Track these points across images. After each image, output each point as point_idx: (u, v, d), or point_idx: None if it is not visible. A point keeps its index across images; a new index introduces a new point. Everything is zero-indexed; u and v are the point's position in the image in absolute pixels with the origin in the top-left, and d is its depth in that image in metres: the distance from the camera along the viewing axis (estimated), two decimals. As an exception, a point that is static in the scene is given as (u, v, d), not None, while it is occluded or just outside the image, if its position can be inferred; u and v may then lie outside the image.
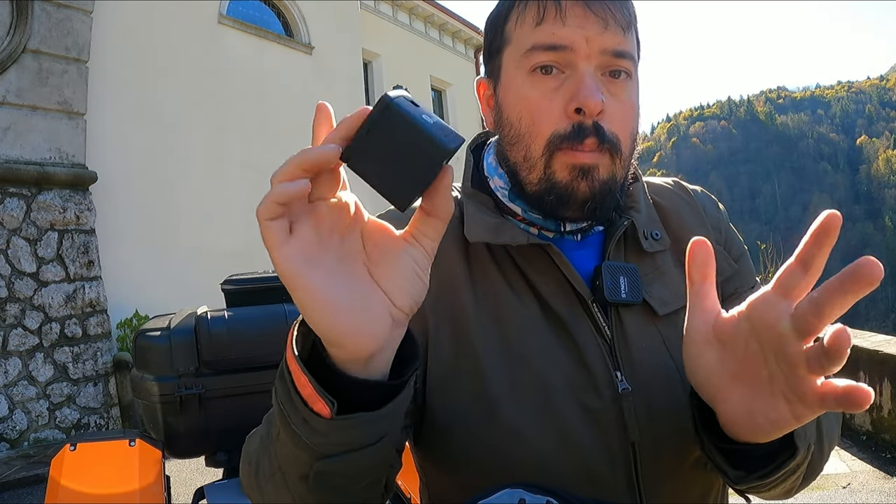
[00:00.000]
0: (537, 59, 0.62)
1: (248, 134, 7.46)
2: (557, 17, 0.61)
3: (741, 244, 0.79)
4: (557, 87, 0.62)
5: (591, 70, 0.61)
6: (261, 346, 1.82)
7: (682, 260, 0.72)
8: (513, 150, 0.66)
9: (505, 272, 0.67)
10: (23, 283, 5.11)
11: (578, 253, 0.69)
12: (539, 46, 0.62)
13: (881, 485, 3.45)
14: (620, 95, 0.63)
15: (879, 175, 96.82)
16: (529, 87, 0.64)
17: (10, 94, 5.14)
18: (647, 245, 0.69)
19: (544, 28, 0.62)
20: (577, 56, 0.61)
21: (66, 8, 5.50)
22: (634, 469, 0.63)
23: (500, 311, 0.65)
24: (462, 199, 0.72)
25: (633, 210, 0.70)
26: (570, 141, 0.62)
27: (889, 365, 3.92)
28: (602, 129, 0.61)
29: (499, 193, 0.71)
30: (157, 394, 1.76)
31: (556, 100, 0.62)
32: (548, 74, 0.63)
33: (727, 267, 0.73)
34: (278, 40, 8.11)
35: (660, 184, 0.80)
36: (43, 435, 5.01)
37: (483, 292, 0.67)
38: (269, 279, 2.01)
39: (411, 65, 11.39)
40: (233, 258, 6.17)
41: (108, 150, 5.92)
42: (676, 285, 0.69)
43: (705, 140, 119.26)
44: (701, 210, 0.77)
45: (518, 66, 0.64)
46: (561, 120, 0.62)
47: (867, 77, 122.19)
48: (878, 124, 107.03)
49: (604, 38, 0.61)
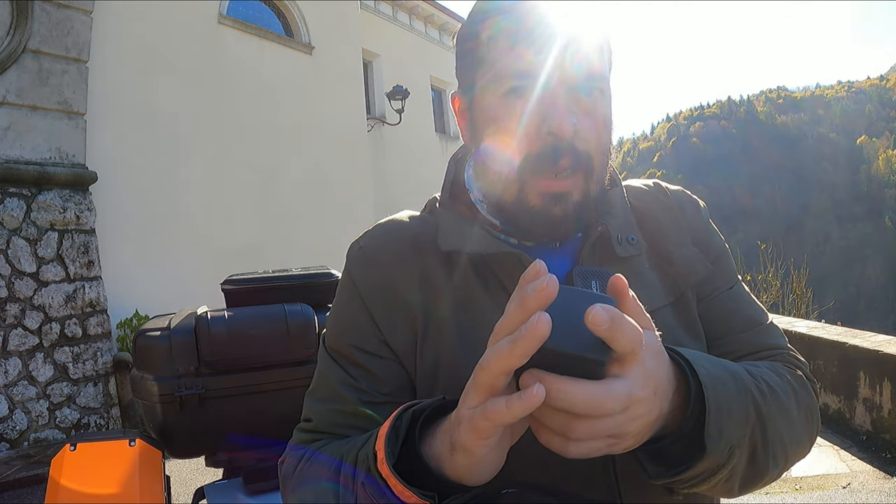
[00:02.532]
0: (511, 83, 0.63)
1: (248, 134, 7.46)
2: (530, 42, 0.62)
3: (722, 244, 0.79)
4: (530, 110, 0.63)
5: (562, 92, 0.62)
6: (261, 346, 1.82)
7: (659, 263, 0.73)
8: (488, 171, 0.68)
9: (482, 279, 0.69)
10: (23, 283, 5.11)
11: (555, 260, 0.69)
12: (512, 71, 0.63)
13: (881, 485, 3.44)
14: (593, 112, 0.64)
15: (879, 175, 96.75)
16: (502, 109, 0.65)
17: (10, 94, 5.14)
18: (620, 250, 0.71)
19: (516, 53, 0.63)
20: (549, 80, 0.62)
21: (66, 8, 5.49)
22: (612, 469, 0.64)
23: (478, 317, 0.67)
24: (438, 209, 0.74)
25: (609, 215, 0.72)
26: (543, 162, 0.63)
27: (889, 365, 3.91)
28: (576, 149, 0.63)
29: (479, 206, 0.72)
30: (157, 394, 1.76)
31: (529, 123, 0.63)
32: (520, 97, 0.64)
33: (703, 269, 0.74)
34: (278, 40, 8.11)
35: (638, 187, 0.81)
36: (43, 435, 5.01)
37: (462, 299, 0.68)
38: (269, 279, 2.01)
39: (411, 65, 11.39)
40: (233, 258, 6.18)
41: (108, 150, 5.92)
42: (652, 288, 0.71)
43: (705, 140, 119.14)
44: (678, 212, 0.78)
45: (491, 87, 0.66)
46: (534, 142, 0.63)
47: (867, 77, 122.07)
48: (878, 124, 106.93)
49: (575, 62, 0.62)
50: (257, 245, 7.19)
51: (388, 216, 0.78)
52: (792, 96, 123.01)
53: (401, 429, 0.54)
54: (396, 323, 0.69)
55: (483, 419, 0.44)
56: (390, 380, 0.68)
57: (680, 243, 0.75)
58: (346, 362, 0.70)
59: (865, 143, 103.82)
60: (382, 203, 9.34)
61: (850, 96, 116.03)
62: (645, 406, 0.47)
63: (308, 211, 8.04)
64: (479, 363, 0.45)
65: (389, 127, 10.56)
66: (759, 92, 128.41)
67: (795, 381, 0.69)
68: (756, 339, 0.74)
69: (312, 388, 0.74)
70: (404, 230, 0.74)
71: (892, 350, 3.94)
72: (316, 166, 8.23)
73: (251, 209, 7.41)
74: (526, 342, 0.41)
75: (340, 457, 0.61)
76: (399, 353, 0.69)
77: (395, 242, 0.73)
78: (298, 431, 0.73)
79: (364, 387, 0.68)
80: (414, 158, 11.08)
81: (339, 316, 0.74)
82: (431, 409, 0.54)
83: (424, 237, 0.72)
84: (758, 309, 0.78)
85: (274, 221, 7.62)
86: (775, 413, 0.61)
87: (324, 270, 2.08)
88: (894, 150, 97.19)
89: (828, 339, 4.52)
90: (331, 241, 7.94)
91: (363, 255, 0.74)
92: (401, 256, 0.71)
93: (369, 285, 0.71)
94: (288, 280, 2.01)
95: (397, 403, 0.67)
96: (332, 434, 0.69)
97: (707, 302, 0.74)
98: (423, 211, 0.80)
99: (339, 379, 0.70)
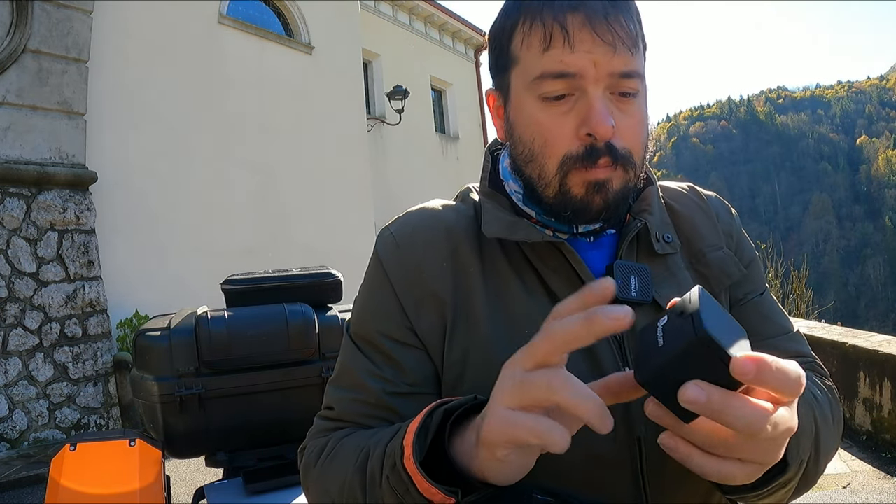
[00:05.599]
0: (547, 87, 0.63)
1: (248, 134, 7.46)
2: (566, 44, 0.61)
3: (752, 250, 0.80)
4: (568, 111, 0.63)
5: (600, 94, 0.62)
6: (261, 346, 1.81)
7: (693, 263, 0.74)
8: (527, 167, 0.68)
9: (518, 270, 0.68)
10: (23, 283, 5.11)
11: (591, 253, 0.70)
12: (548, 74, 0.62)
13: (881, 485, 3.44)
14: (630, 111, 0.64)
15: (879, 175, 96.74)
16: (540, 111, 0.64)
17: (10, 94, 5.14)
18: (658, 247, 0.70)
19: (552, 54, 0.61)
20: (586, 81, 0.61)
21: (66, 8, 5.49)
22: (640, 465, 0.64)
23: (512, 308, 0.67)
24: (480, 198, 0.74)
25: (646, 213, 0.71)
26: (583, 162, 0.63)
27: (889, 365, 3.91)
28: (615, 148, 0.62)
29: (514, 197, 0.72)
30: (157, 394, 1.76)
31: (566, 124, 0.63)
32: (558, 100, 0.63)
33: (737, 272, 0.74)
34: (278, 40, 8.11)
35: (674, 188, 0.81)
36: (43, 435, 5.01)
37: (495, 289, 0.68)
38: (269, 279, 2.00)
39: (411, 65, 11.39)
40: (233, 258, 6.18)
41: (108, 150, 5.92)
42: (687, 287, 0.70)
43: (705, 140, 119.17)
44: (714, 216, 0.78)
45: (527, 89, 0.65)
46: (573, 142, 0.63)
47: (867, 77, 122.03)
48: (878, 124, 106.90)
49: (612, 62, 0.61)
50: (257, 245, 7.19)
51: (419, 204, 0.76)
52: (792, 96, 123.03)
53: (431, 426, 0.53)
54: (425, 311, 0.68)
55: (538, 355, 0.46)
56: (416, 370, 0.68)
57: (714, 246, 0.75)
58: (371, 350, 0.69)
59: (865, 143, 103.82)
60: (382, 203, 9.34)
61: (850, 96, 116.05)
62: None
63: (308, 211, 8.04)
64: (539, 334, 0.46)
65: (389, 127, 10.56)
66: (759, 92, 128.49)
67: (829, 391, 0.71)
68: (786, 347, 0.73)
69: (335, 377, 0.73)
70: (437, 217, 0.73)
71: (892, 350, 3.94)
72: (316, 166, 8.23)
73: (251, 209, 7.41)
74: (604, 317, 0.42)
75: (368, 449, 0.60)
76: (426, 343, 0.68)
77: (427, 229, 0.71)
78: (320, 419, 0.73)
79: (388, 376, 0.67)
80: (414, 158, 11.08)
81: (366, 302, 0.73)
82: (464, 408, 0.54)
83: (458, 225, 0.71)
84: (785, 317, 0.78)
85: (274, 221, 7.62)
86: (822, 423, 0.62)
87: (324, 270, 2.08)
88: (894, 150, 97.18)
89: (828, 339, 4.52)
90: (331, 241, 7.94)
91: (394, 240, 0.72)
92: (433, 244, 0.70)
93: (399, 271, 0.69)
94: (288, 280, 2.01)
95: (422, 395, 0.67)
96: (355, 423, 0.68)
97: (740, 307, 0.75)
98: (455, 200, 0.79)
99: (363, 368, 0.69)
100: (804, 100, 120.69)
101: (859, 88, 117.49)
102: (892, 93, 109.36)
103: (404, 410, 0.66)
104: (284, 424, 1.88)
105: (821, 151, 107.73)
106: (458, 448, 0.53)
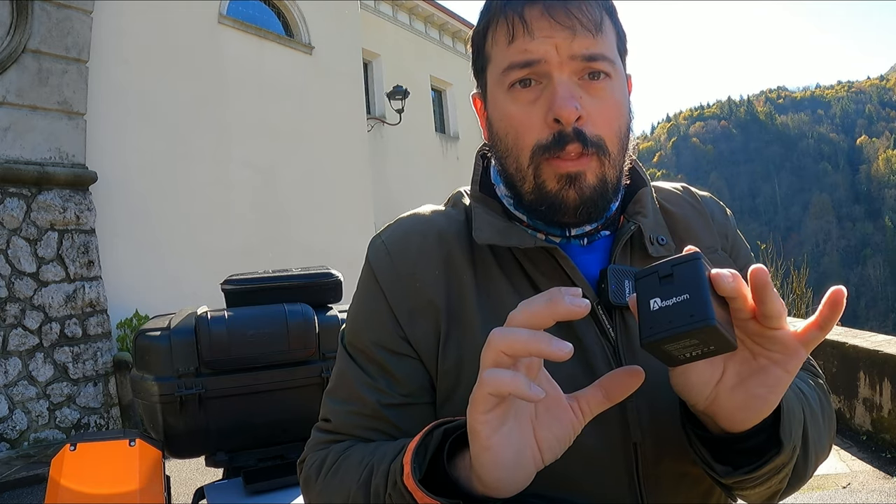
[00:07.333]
0: (514, 76, 0.64)
1: (248, 134, 7.46)
2: (526, 33, 0.62)
3: (748, 252, 0.80)
4: (535, 99, 0.64)
5: (564, 78, 0.62)
6: (261, 346, 1.81)
7: None
8: (506, 163, 0.68)
9: (510, 276, 0.68)
10: (23, 283, 5.11)
11: (585, 257, 0.69)
12: (514, 65, 0.63)
13: (881, 485, 3.44)
14: (601, 95, 0.64)
15: (879, 175, 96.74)
16: (511, 104, 0.65)
17: (10, 94, 5.14)
18: (652, 250, 0.70)
19: (516, 45, 0.63)
20: (550, 66, 0.62)
21: (66, 8, 5.49)
22: (636, 470, 0.63)
23: (504, 315, 0.66)
24: (471, 203, 0.73)
25: (640, 215, 0.71)
26: (552, 150, 0.63)
27: (889, 365, 3.91)
28: (583, 134, 0.62)
29: (505, 201, 0.72)
30: (157, 394, 1.76)
31: (535, 112, 0.63)
32: (526, 87, 0.64)
33: None
34: (278, 40, 8.11)
35: (669, 189, 0.80)
36: (43, 435, 5.01)
37: (488, 296, 0.67)
38: (269, 279, 2.01)
39: (411, 65, 11.39)
40: (232, 258, 6.18)
41: (108, 150, 5.92)
42: None
43: (705, 140, 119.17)
44: (709, 217, 0.77)
45: (498, 83, 0.66)
46: (542, 130, 0.63)
47: (867, 77, 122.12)
48: (878, 124, 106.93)
49: (573, 45, 0.62)
50: (257, 245, 7.19)
51: (410, 211, 0.76)
52: (792, 96, 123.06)
53: (430, 445, 0.54)
54: (419, 320, 0.68)
55: (478, 387, 0.48)
56: (410, 380, 0.67)
57: (710, 248, 0.74)
58: (366, 361, 0.69)
59: (865, 143, 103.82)
60: (382, 203, 9.35)
61: (850, 96, 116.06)
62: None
63: (308, 211, 8.04)
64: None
65: (389, 127, 10.56)
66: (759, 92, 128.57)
67: (819, 388, 0.71)
68: None
69: (331, 388, 0.73)
70: (428, 224, 0.72)
71: (892, 350, 3.94)
72: (316, 166, 8.23)
73: (251, 209, 7.41)
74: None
75: (371, 466, 0.61)
76: (420, 351, 0.67)
77: (419, 236, 0.71)
78: (317, 431, 0.73)
79: (383, 387, 0.67)
80: (414, 158, 11.08)
81: (359, 312, 0.73)
82: (463, 429, 0.54)
83: (449, 232, 0.71)
84: None
85: (274, 221, 7.62)
86: (809, 418, 0.63)
87: (324, 270, 2.08)
88: (894, 150, 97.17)
89: (828, 338, 4.52)
90: (331, 241, 7.94)
91: (385, 249, 0.71)
92: (424, 251, 0.70)
93: (392, 281, 0.69)
94: (288, 280, 2.01)
95: (417, 405, 0.67)
96: (352, 436, 0.68)
97: None
98: (446, 205, 0.78)
99: (358, 379, 0.69)
100: (804, 100, 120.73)
101: (859, 88, 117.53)
102: (892, 93, 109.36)
103: (400, 422, 0.66)
104: (284, 424, 1.88)
105: (821, 151, 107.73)
106: (458, 466, 0.54)
